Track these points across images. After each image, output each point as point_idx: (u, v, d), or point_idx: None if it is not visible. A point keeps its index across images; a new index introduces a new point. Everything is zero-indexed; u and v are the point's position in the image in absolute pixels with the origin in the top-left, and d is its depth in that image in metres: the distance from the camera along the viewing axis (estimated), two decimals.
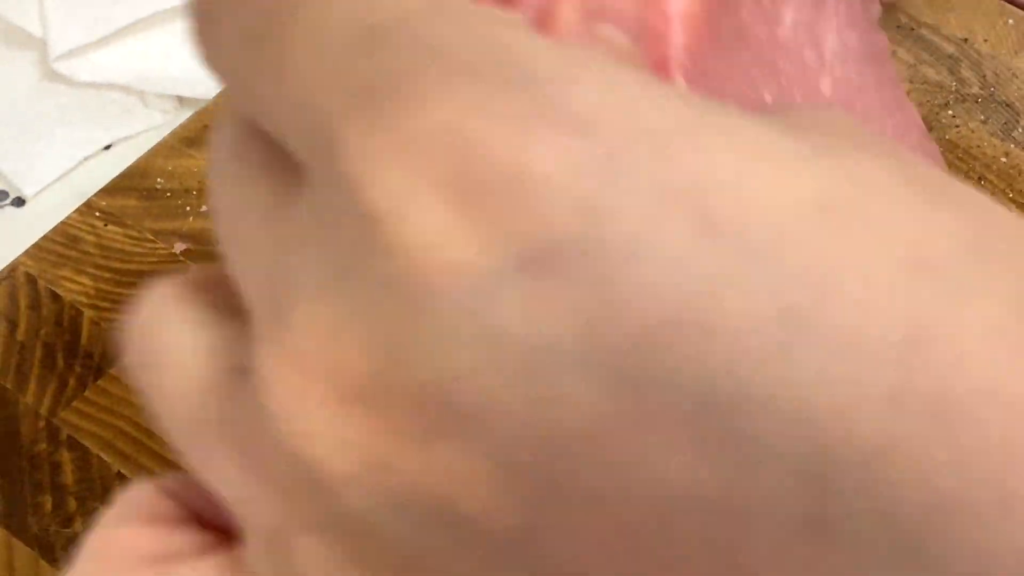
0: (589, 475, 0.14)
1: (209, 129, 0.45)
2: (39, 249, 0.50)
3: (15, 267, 0.50)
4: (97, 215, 0.51)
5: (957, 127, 0.57)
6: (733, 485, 0.14)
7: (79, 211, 0.51)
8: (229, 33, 0.17)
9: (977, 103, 0.58)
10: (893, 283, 0.14)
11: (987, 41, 0.60)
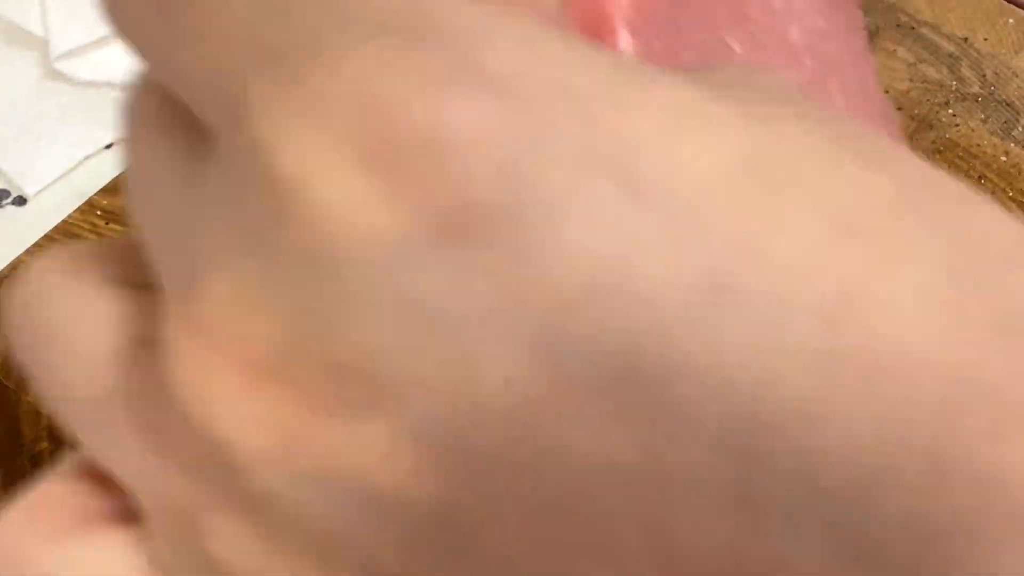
0: (511, 449, 0.14)
1: None
2: (40, 248, 0.50)
3: (16, 266, 0.50)
4: (98, 214, 0.51)
5: (957, 126, 0.57)
6: (658, 456, 0.14)
7: (80, 210, 0.51)
8: None
9: (977, 102, 0.58)
10: (822, 245, 0.14)
11: (987, 40, 0.60)
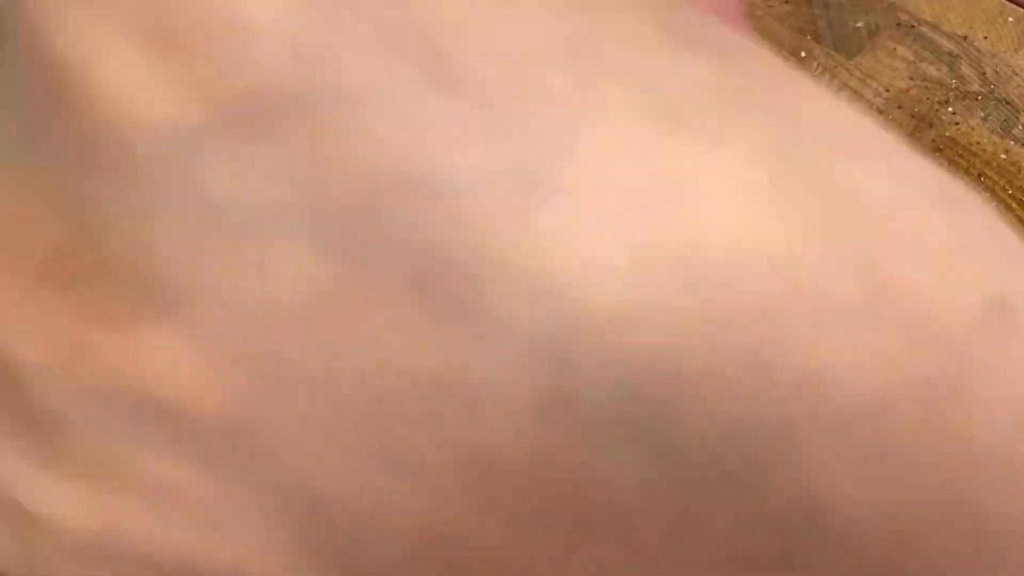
0: (307, 356, 0.13)
1: None
2: None
3: None
4: None
5: (957, 124, 0.57)
6: (462, 362, 0.13)
7: None
8: None
9: (977, 100, 0.58)
10: (638, 135, 0.13)
11: (987, 38, 0.60)
